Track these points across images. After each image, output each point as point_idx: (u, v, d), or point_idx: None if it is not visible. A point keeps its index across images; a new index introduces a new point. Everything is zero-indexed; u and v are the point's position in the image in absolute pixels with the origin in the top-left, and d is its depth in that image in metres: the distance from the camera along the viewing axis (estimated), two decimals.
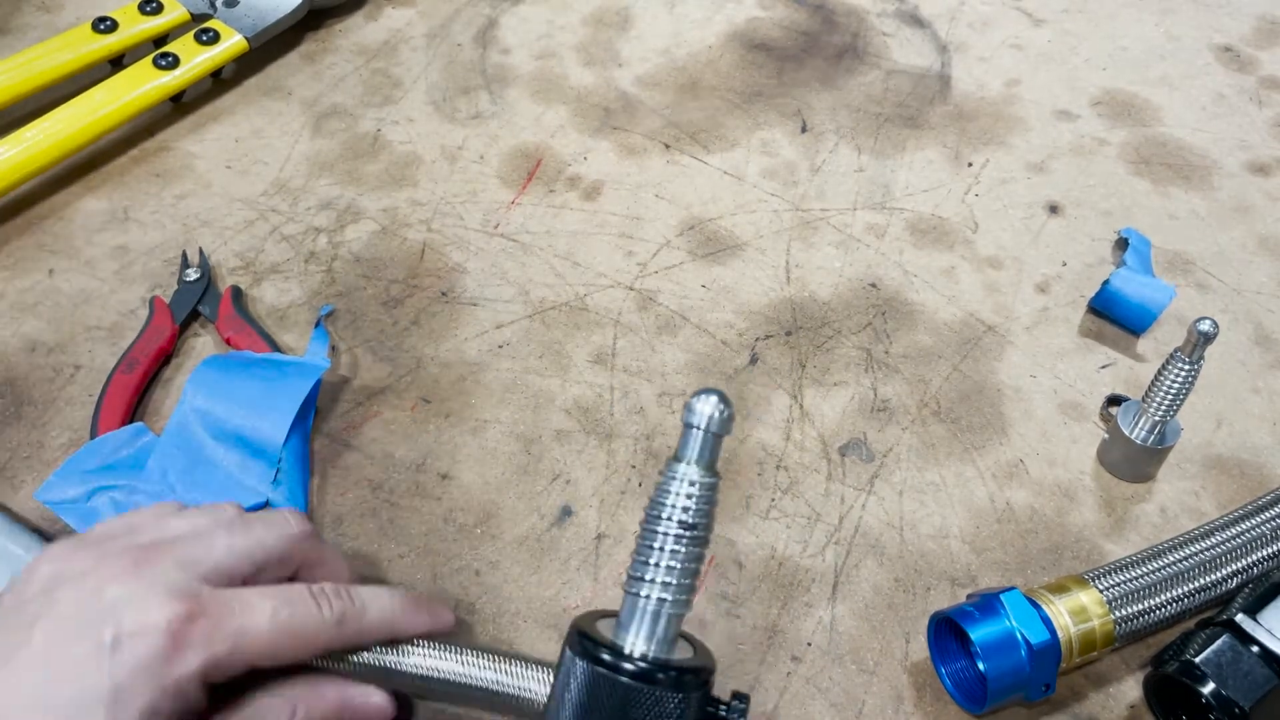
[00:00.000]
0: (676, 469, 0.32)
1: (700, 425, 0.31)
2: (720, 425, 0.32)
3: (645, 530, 0.32)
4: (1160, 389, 0.54)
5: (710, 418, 0.31)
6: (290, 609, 0.39)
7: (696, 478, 0.32)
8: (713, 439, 0.32)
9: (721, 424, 0.32)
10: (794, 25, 0.85)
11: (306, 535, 0.44)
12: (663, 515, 0.32)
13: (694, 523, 0.32)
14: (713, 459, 0.32)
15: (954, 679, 0.49)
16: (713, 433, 0.31)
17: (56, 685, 0.36)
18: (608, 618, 0.34)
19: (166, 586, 0.38)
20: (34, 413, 0.59)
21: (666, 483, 0.32)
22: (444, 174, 0.72)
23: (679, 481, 0.32)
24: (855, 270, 0.68)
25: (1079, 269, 0.68)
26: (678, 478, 0.32)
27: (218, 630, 0.38)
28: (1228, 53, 0.85)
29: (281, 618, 0.39)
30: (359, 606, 0.41)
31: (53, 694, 0.36)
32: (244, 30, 0.77)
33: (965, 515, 0.56)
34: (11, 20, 0.82)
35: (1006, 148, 0.76)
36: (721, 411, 0.31)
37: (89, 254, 0.66)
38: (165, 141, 0.74)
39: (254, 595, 0.40)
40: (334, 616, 0.40)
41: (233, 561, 0.41)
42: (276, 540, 0.42)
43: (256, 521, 0.43)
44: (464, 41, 0.83)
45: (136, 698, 0.36)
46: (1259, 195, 0.74)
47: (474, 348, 0.63)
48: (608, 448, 0.58)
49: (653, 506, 0.32)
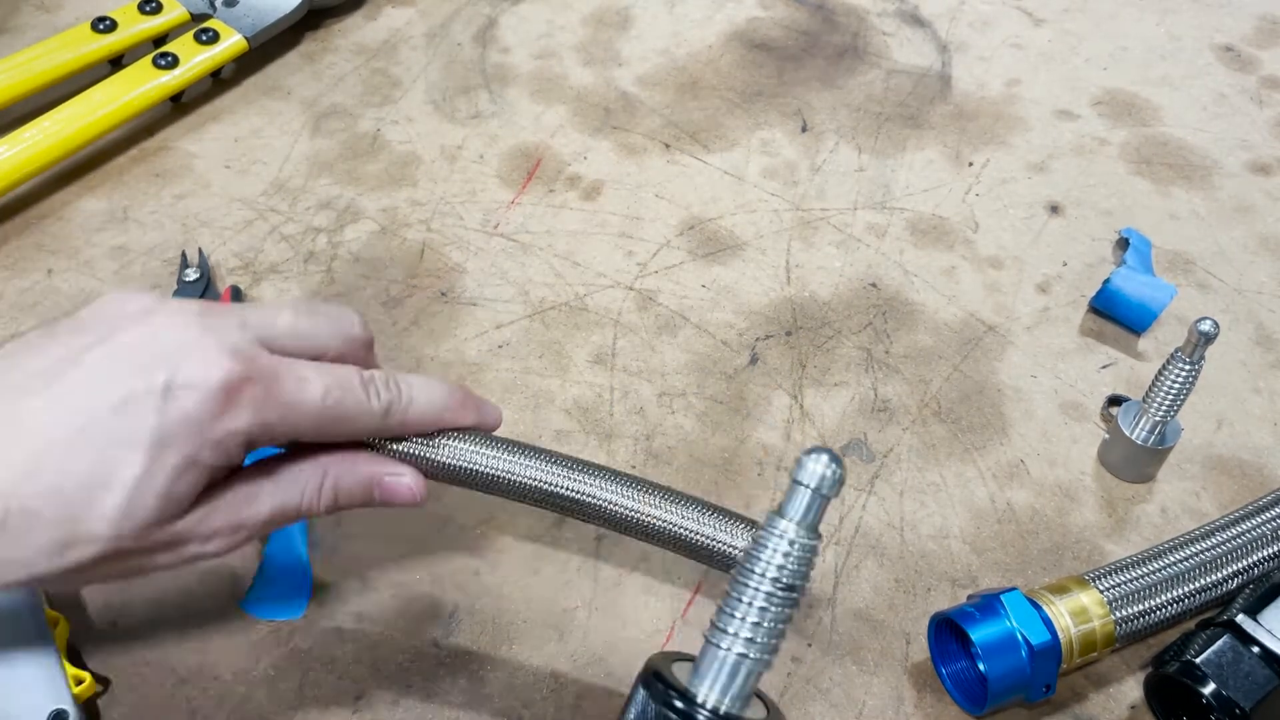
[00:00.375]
0: (778, 525, 0.31)
1: (809, 484, 0.31)
2: (830, 488, 0.31)
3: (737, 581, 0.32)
4: (1161, 389, 0.54)
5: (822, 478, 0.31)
6: (341, 392, 0.40)
7: (797, 537, 0.31)
8: (820, 500, 0.31)
9: (831, 486, 0.31)
10: (794, 25, 0.85)
11: (366, 342, 0.44)
12: (757, 570, 0.31)
13: (789, 583, 0.31)
14: (816, 520, 0.31)
15: (954, 680, 0.49)
16: (822, 494, 0.31)
17: (99, 415, 0.36)
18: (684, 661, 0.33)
19: (228, 345, 0.38)
20: None
21: (767, 537, 0.31)
22: (443, 174, 0.72)
23: (779, 539, 0.31)
24: (855, 270, 0.68)
25: (1080, 269, 0.68)
26: (778, 534, 0.31)
27: (270, 398, 0.38)
28: (1229, 52, 0.84)
29: (331, 399, 0.39)
30: (406, 399, 0.42)
31: (94, 423, 0.35)
32: (243, 30, 0.76)
33: (966, 516, 0.56)
34: (10, 20, 0.82)
35: (1007, 147, 0.76)
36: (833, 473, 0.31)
37: (88, 254, 0.66)
38: (164, 141, 0.74)
39: (310, 370, 0.40)
40: (381, 407, 0.41)
41: (294, 338, 0.41)
42: (336, 334, 0.43)
43: (322, 312, 0.43)
44: (464, 41, 0.82)
45: (180, 446, 0.36)
46: (1260, 195, 0.73)
47: (474, 348, 0.63)
48: (608, 448, 0.58)
49: (749, 559, 0.32)
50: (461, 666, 0.50)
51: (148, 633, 0.50)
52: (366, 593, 0.52)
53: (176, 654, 0.50)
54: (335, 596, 0.52)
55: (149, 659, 0.50)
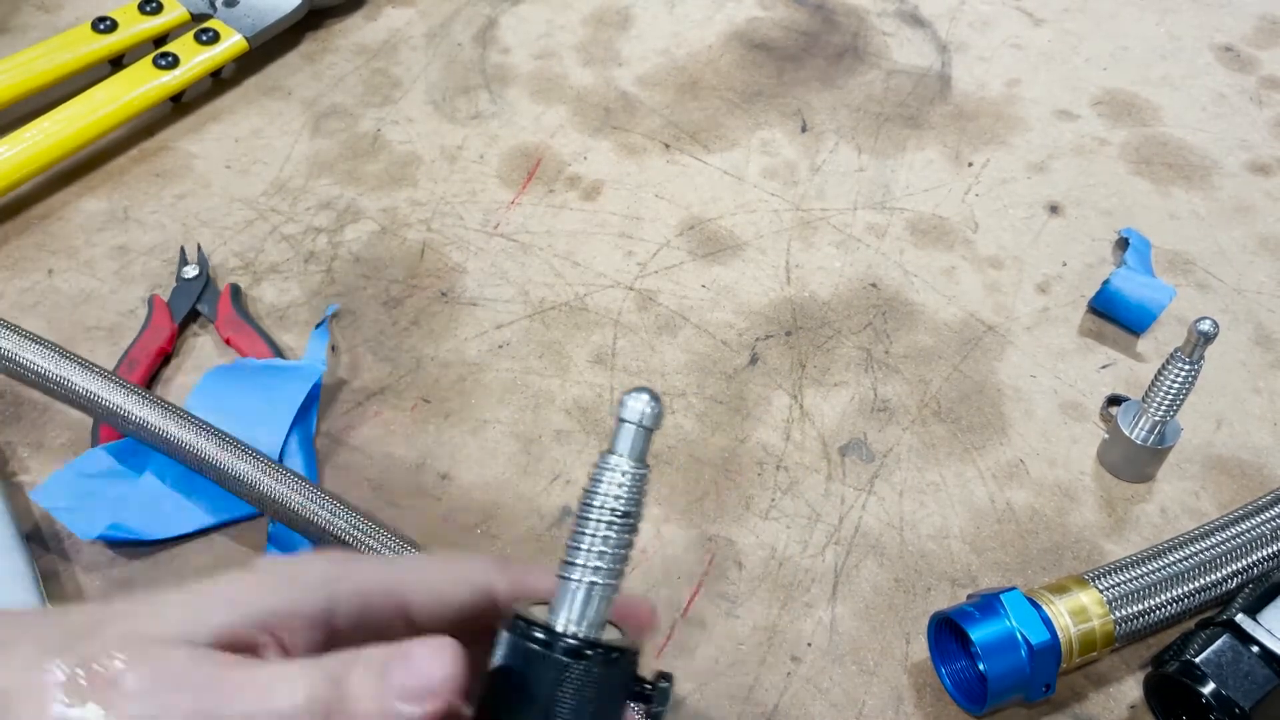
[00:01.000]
0: (610, 460, 0.34)
1: (633, 420, 0.34)
2: (651, 420, 0.34)
3: (579, 519, 0.34)
4: (1160, 389, 0.54)
5: (642, 414, 0.34)
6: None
7: (629, 468, 0.34)
8: (644, 433, 0.34)
9: (652, 419, 0.34)
10: (794, 25, 0.85)
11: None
12: (595, 504, 0.34)
13: (625, 510, 0.34)
14: (643, 451, 0.34)
15: (954, 679, 0.49)
16: (644, 427, 0.34)
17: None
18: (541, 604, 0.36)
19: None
20: (33, 413, 0.59)
21: (600, 473, 0.34)
22: (444, 174, 0.72)
23: (613, 471, 0.34)
24: (855, 270, 0.68)
25: (1079, 269, 0.68)
26: (611, 468, 0.34)
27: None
28: (1228, 53, 0.85)
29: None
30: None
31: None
32: (244, 30, 0.76)
33: (965, 515, 0.56)
34: (11, 20, 0.82)
35: (1007, 147, 0.76)
36: (652, 408, 0.34)
37: (88, 254, 0.66)
38: (165, 141, 0.74)
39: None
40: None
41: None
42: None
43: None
44: (464, 41, 0.83)
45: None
46: (1259, 195, 0.74)
47: (474, 348, 0.63)
48: (608, 447, 0.58)
49: (586, 496, 0.34)
50: None
51: None
52: None
53: None
54: None
55: None
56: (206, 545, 0.54)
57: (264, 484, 0.50)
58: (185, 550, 0.53)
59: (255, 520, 0.54)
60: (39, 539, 0.53)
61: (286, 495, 0.50)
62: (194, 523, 0.54)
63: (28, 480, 0.56)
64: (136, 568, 0.53)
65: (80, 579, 0.52)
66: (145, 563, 0.53)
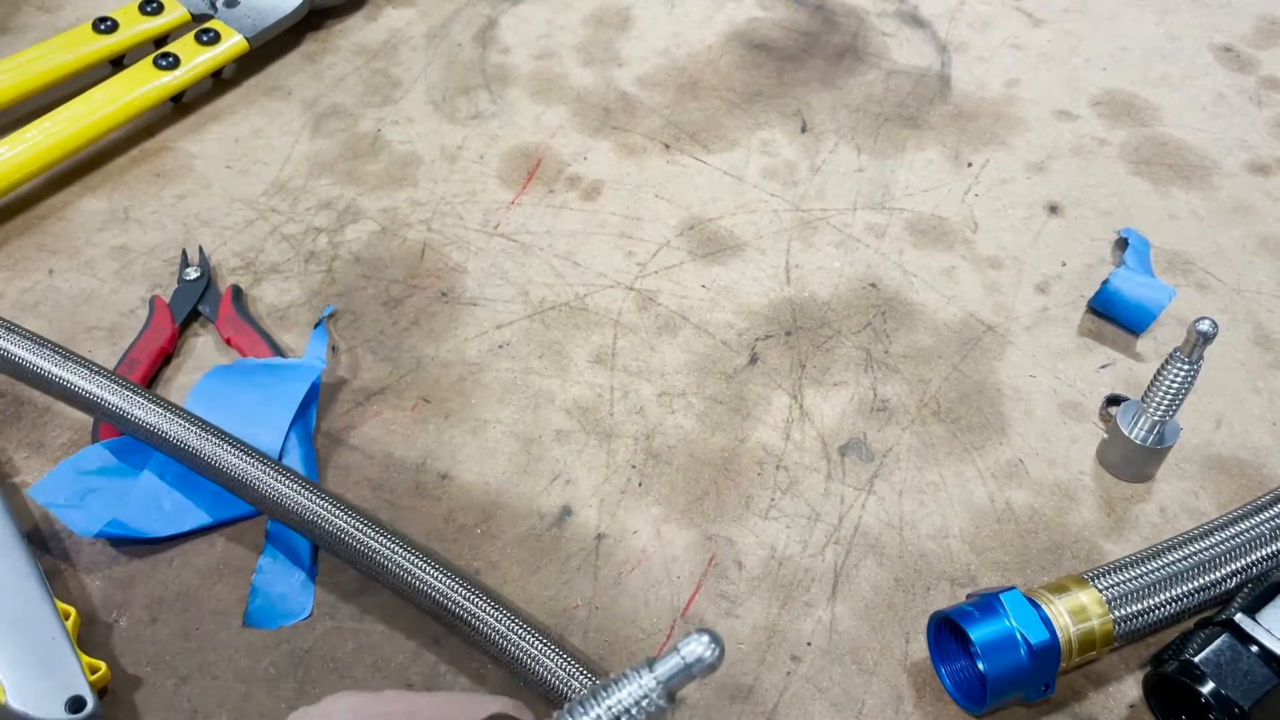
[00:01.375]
0: (644, 676, 0.34)
1: (685, 659, 0.34)
2: (700, 670, 0.34)
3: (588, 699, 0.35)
4: (1160, 389, 0.54)
5: (699, 658, 0.34)
6: None
7: (653, 695, 0.34)
8: (688, 675, 0.34)
9: (703, 669, 0.34)
10: (794, 25, 0.85)
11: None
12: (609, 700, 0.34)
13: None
14: (676, 689, 0.35)
15: (954, 679, 0.49)
16: (691, 672, 0.34)
17: None
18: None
19: None
20: (34, 413, 0.59)
21: (631, 679, 0.35)
22: (444, 174, 0.72)
23: (641, 687, 0.34)
24: (855, 270, 0.68)
25: (1079, 269, 0.68)
26: (642, 683, 0.34)
27: None
28: (1228, 53, 0.85)
29: None
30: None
31: None
32: (244, 30, 0.77)
33: (965, 515, 0.56)
34: (11, 20, 0.82)
35: (1006, 148, 0.76)
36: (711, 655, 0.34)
37: (89, 254, 0.66)
38: (165, 141, 0.74)
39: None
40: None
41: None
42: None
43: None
44: (464, 41, 0.83)
45: None
46: (1259, 195, 0.74)
47: (474, 348, 0.63)
48: (608, 448, 0.58)
49: (607, 688, 0.35)
50: (462, 665, 0.50)
51: (148, 632, 0.50)
52: (367, 591, 0.52)
53: (177, 653, 0.50)
54: (337, 595, 0.52)
55: (150, 658, 0.50)
56: (208, 545, 0.54)
57: (263, 484, 0.50)
58: (186, 550, 0.53)
59: (255, 519, 0.54)
60: (39, 539, 0.53)
61: (285, 495, 0.50)
62: (193, 521, 0.54)
63: (28, 480, 0.56)
64: (137, 568, 0.53)
65: (81, 579, 0.52)
66: (146, 562, 0.53)
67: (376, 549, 0.49)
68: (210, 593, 0.52)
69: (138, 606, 0.51)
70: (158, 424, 0.52)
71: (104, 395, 0.53)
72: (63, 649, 0.47)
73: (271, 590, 0.52)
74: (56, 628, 0.48)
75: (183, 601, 0.52)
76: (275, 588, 0.52)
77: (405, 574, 0.48)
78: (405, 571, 0.48)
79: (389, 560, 0.49)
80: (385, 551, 0.49)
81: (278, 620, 0.51)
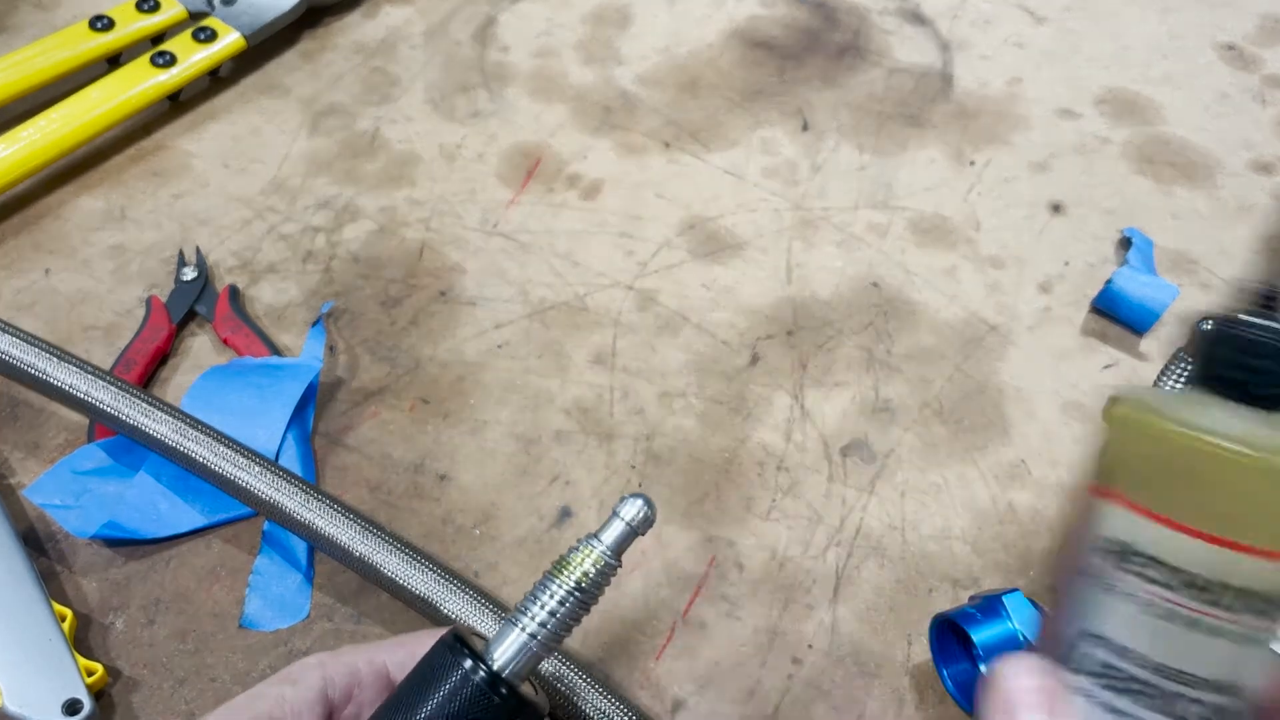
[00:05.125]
0: (593, 544, 0.38)
1: (626, 519, 0.38)
2: (641, 525, 0.38)
3: (545, 578, 0.38)
4: (1164, 389, 0.54)
5: (635, 517, 0.38)
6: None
7: (606, 558, 0.38)
8: (631, 534, 0.38)
9: (643, 524, 0.38)
10: (795, 23, 0.85)
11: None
12: (564, 572, 0.38)
13: (588, 590, 0.38)
14: (624, 549, 0.38)
15: (956, 681, 0.49)
16: (633, 529, 0.38)
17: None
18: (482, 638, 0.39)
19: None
20: (29, 413, 0.58)
21: (579, 550, 0.38)
22: (442, 173, 0.72)
23: (591, 555, 0.38)
24: (857, 270, 0.67)
25: (1081, 268, 0.68)
26: (591, 549, 0.38)
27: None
28: (1231, 51, 0.84)
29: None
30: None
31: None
32: (242, 28, 0.76)
33: (967, 516, 0.56)
34: (8, 18, 0.81)
35: (1009, 146, 0.76)
36: (645, 514, 0.38)
37: (85, 253, 0.66)
38: (162, 140, 0.73)
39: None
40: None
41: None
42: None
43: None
44: (463, 39, 0.82)
45: None
46: (1262, 194, 0.73)
47: (473, 348, 0.62)
48: (608, 448, 0.58)
49: (560, 563, 0.38)
50: None
51: (145, 634, 0.50)
52: (365, 593, 0.52)
53: (174, 655, 0.49)
54: (334, 597, 0.52)
55: (147, 660, 0.49)
56: (204, 546, 0.53)
57: (259, 485, 0.50)
58: (183, 551, 0.53)
59: (252, 520, 0.54)
60: (35, 540, 0.53)
61: (282, 497, 0.50)
62: (190, 522, 0.53)
63: (24, 481, 0.55)
64: (133, 569, 0.52)
65: (77, 580, 0.52)
66: (143, 564, 0.52)
67: (374, 551, 0.49)
68: (207, 594, 0.52)
69: (134, 608, 0.51)
70: (154, 425, 0.52)
71: (100, 396, 0.52)
72: (59, 651, 0.47)
73: (268, 592, 0.51)
74: (53, 630, 0.48)
75: (179, 603, 0.51)
76: (272, 590, 0.52)
77: (402, 576, 0.48)
78: (402, 574, 0.48)
79: (386, 562, 0.48)
80: (382, 553, 0.48)
81: (275, 622, 0.51)
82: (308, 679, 0.38)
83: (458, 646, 0.37)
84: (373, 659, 0.39)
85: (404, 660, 0.39)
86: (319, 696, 0.38)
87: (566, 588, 0.37)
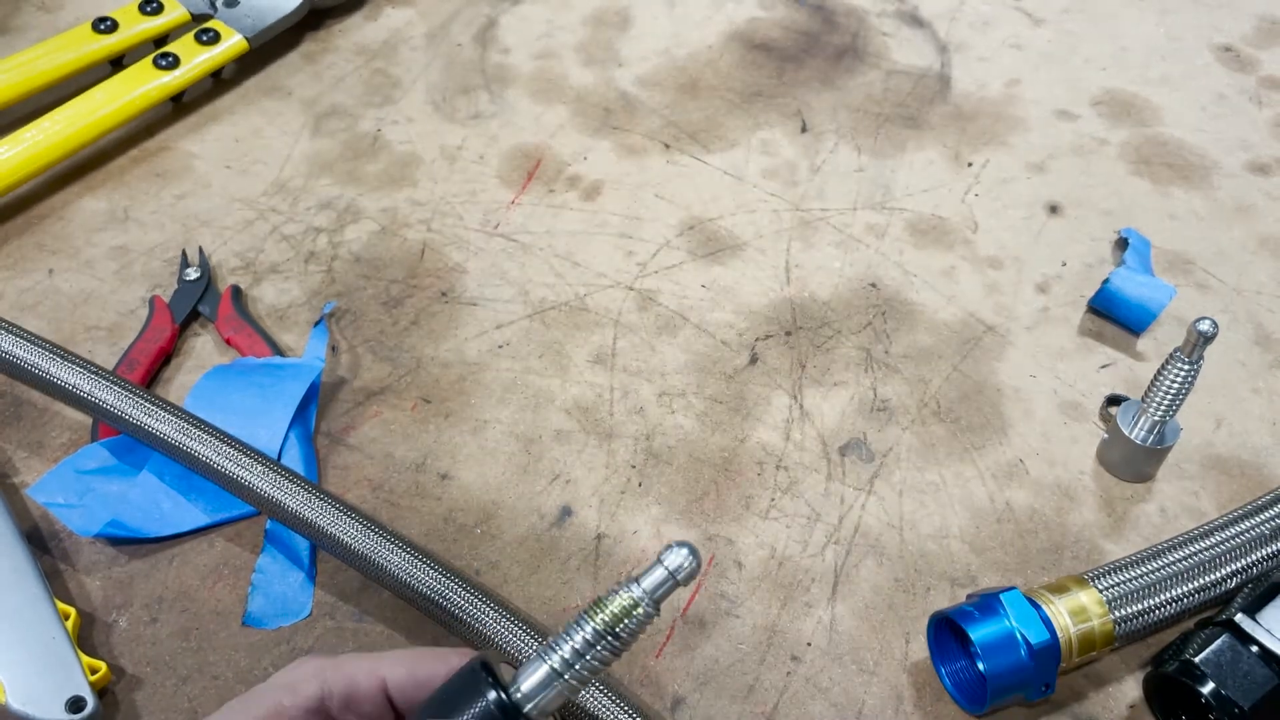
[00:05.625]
0: (633, 589, 0.37)
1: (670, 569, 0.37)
2: (685, 577, 0.37)
3: (581, 617, 0.37)
4: (1160, 389, 0.54)
5: (680, 568, 0.37)
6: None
7: (645, 608, 0.37)
8: (672, 584, 0.37)
9: (686, 576, 0.37)
10: (794, 25, 0.85)
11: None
12: (600, 614, 0.37)
13: (620, 635, 0.37)
14: (662, 598, 0.37)
15: (954, 679, 0.49)
16: (676, 580, 0.37)
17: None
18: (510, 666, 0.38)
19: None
20: (33, 413, 0.59)
21: (619, 595, 0.37)
22: (444, 174, 0.72)
23: (629, 600, 0.37)
24: (855, 270, 0.68)
25: (1079, 269, 0.68)
26: (630, 596, 0.37)
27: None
28: (1228, 52, 0.85)
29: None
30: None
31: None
32: (244, 30, 0.77)
33: (965, 515, 0.56)
34: (11, 20, 0.82)
35: (1006, 148, 0.76)
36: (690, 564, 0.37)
37: (89, 254, 0.66)
38: (165, 141, 0.74)
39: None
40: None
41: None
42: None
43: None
44: (464, 41, 0.83)
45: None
46: (1259, 195, 0.74)
47: (474, 348, 0.63)
48: (608, 448, 0.58)
49: (598, 604, 0.37)
50: None
51: (148, 632, 0.50)
52: (368, 591, 0.52)
53: (177, 653, 0.50)
54: (336, 595, 0.52)
55: (149, 658, 0.50)
56: (207, 545, 0.54)
57: (262, 484, 0.50)
58: (186, 550, 0.53)
59: (254, 519, 0.54)
60: (38, 539, 0.53)
61: (284, 496, 0.50)
62: (192, 521, 0.54)
63: (27, 480, 0.56)
64: (137, 568, 0.53)
65: (81, 579, 0.52)
66: (145, 563, 0.53)
67: (376, 549, 0.49)
68: (210, 593, 0.52)
69: (137, 606, 0.51)
70: (157, 425, 0.52)
71: (103, 396, 0.53)
72: (63, 649, 0.47)
73: (271, 590, 0.52)
74: (56, 628, 0.48)
75: (182, 601, 0.51)
76: (274, 588, 0.52)
77: (404, 574, 0.48)
78: (404, 572, 0.48)
79: (388, 560, 0.48)
80: (384, 552, 0.49)
81: (277, 620, 0.51)
82: (306, 688, 0.38)
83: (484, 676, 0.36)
84: (373, 672, 0.39)
85: (403, 678, 0.38)
86: (317, 707, 0.38)
87: (600, 631, 0.37)
